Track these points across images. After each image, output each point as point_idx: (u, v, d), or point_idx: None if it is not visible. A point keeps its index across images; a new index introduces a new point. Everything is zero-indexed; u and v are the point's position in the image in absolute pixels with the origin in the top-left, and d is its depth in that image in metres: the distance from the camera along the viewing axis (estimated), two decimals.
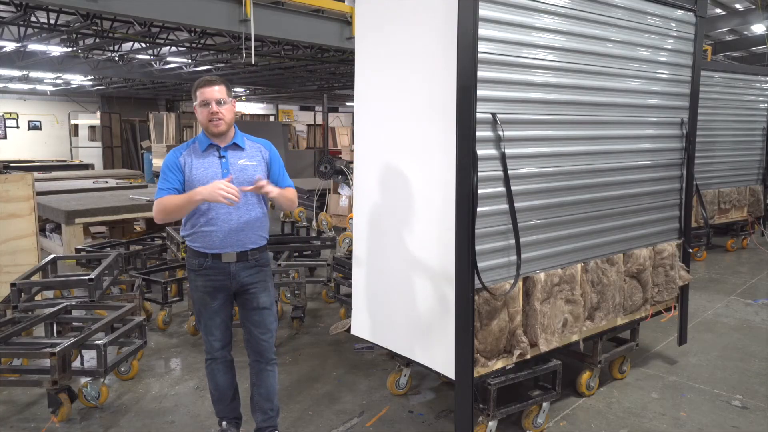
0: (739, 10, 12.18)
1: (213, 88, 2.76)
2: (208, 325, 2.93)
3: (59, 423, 3.36)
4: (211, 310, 2.90)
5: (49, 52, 11.37)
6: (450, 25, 2.64)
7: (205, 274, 2.84)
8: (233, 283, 2.87)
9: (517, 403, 3.11)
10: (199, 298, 2.90)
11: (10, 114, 20.19)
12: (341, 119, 26.31)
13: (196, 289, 2.89)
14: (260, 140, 3.00)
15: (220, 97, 2.77)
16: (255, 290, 2.90)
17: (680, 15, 3.66)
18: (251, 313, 2.93)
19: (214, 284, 2.85)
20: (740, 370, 4.06)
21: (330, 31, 9.15)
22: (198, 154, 2.83)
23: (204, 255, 2.82)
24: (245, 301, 2.93)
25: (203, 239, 2.81)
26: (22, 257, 5.05)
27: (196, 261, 2.85)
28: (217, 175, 2.77)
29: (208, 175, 2.78)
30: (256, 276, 2.90)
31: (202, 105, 2.77)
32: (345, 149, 12.92)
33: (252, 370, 3.00)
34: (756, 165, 7.95)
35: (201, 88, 2.77)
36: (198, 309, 2.93)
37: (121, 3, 6.91)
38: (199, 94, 2.77)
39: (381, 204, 3.28)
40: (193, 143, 2.88)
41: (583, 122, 3.20)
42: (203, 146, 2.84)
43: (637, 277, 3.61)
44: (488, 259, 2.81)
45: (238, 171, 2.84)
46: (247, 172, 2.85)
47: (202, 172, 2.79)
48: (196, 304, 2.94)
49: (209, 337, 2.95)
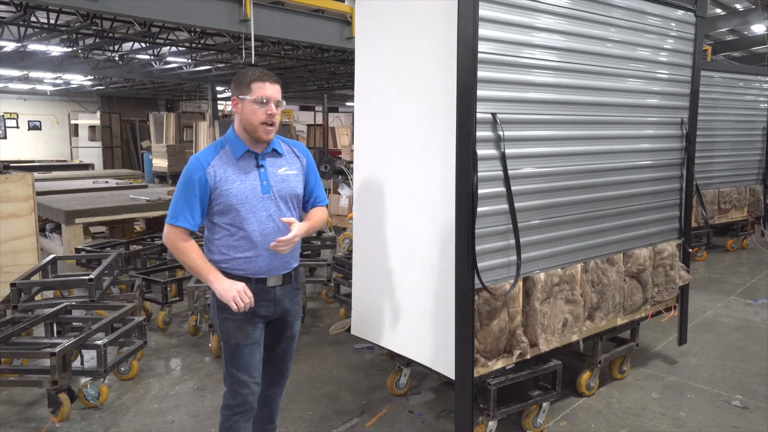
0: (739, 10, 12.18)
1: (275, 86, 2.34)
2: (248, 363, 2.41)
3: (59, 423, 3.36)
4: (252, 342, 2.42)
5: (49, 52, 11.38)
6: (450, 25, 2.64)
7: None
8: (276, 311, 2.47)
9: (517, 403, 3.11)
10: (237, 329, 2.39)
11: (10, 114, 20.19)
12: (341, 119, 26.30)
13: (234, 318, 2.38)
14: (293, 142, 2.59)
15: (280, 98, 2.36)
16: (292, 318, 2.57)
17: (680, 15, 3.66)
18: (283, 342, 2.58)
19: (257, 311, 2.41)
20: (740, 370, 4.06)
21: (330, 31, 9.15)
22: (231, 161, 2.35)
23: (246, 279, 2.37)
24: (279, 330, 2.56)
25: (246, 265, 2.38)
26: (22, 257, 5.05)
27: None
28: (256, 190, 2.36)
29: (246, 189, 2.34)
30: (294, 301, 2.56)
31: (258, 103, 2.30)
32: (345, 149, 12.93)
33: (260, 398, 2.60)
34: (756, 165, 7.95)
35: (259, 82, 2.30)
36: (234, 344, 2.40)
37: (121, 3, 6.91)
38: (257, 88, 2.30)
39: (381, 204, 3.28)
40: (222, 147, 2.38)
41: (583, 122, 3.20)
42: (239, 152, 2.37)
43: (637, 277, 3.61)
44: (488, 259, 2.81)
45: (279, 183, 2.42)
46: (288, 184, 2.44)
47: (239, 187, 2.33)
48: (232, 338, 2.40)
49: (247, 378, 2.41)
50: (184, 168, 2.36)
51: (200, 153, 2.37)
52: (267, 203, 2.38)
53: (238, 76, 2.37)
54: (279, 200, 2.41)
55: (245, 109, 2.33)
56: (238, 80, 2.36)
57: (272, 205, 2.40)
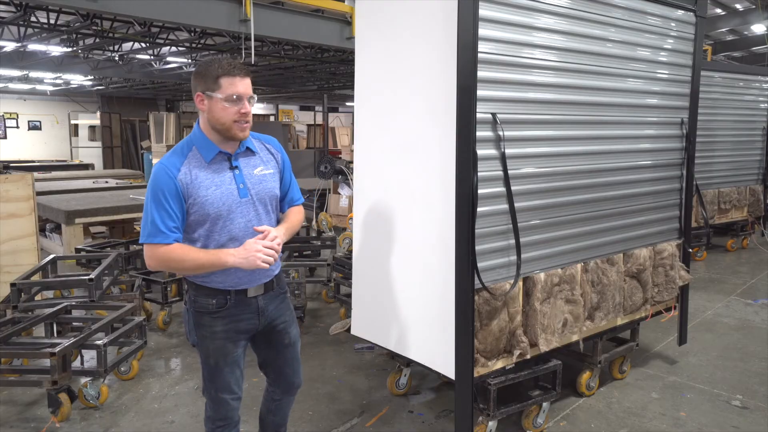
0: (739, 10, 12.18)
1: (246, 79, 2.10)
2: (227, 381, 2.28)
3: (59, 423, 3.36)
4: (232, 361, 2.27)
5: (49, 52, 11.37)
6: (450, 25, 2.64)
7: (227, 316, 2.23)
8: (261, 322, 2.31)
9: (517, 403, 3.11)
10: (217, 348, 2.24)
11: (10, 114, 20.18)
12: (341, 119, 26.30)
13: (213, 337, 2.22)
14: (265, 137, 2.39)
15: (251, 92, 2.14)
16: (284, 324, 2.40)
17: (680, 15, 3.66)
18: (284, 351, 2.44)
19: (238, 327, 2.25)
20: (740, 370, 4.06)
21: (330, 31, 9.15)
22: (202, 165, 2.13)
23: (224, 292, 2.21)
24: (274, 340, 2.41)
25: (225, 276, 2.19)
26: (22, 257, 5.05)
27: (214, 300, 2.21)
28: (233, 195, 2.15)
29: (223, 195, 2.13)
30: (281, 306, 2.39)
31: (229, 100, 2.07)
32: (345, 149, 12.93)
33: (272, 403, 2.57)
34: (756, 165, 7.95)
35: (228, 77, 2.07)
36: (213, 363, 2.25)
37: (121, 3, 6.91)
38: (227, 84, 2.06)
39: (381, 204, 3.28)
40: (189, 150, 2.15)
41: (583, 122, 3.20)
42: (210, 155, 2.14)
43: (637, 277, 3.61)
44: (488, 259, 2.81)
45: (256, 185, 2.22)
46: (266, 185, 2.26)
47: (215, 193, 2.12)
48: (211, 356, 2.25)
49: (227, 395, 2.30)
50: (150, 180, 2.09)
51: (165, 159, 2.11)
52: (245, 208, 2.19)
53: (201, 69, 2.10)
54: (258, 204, 2.22)
55: (214, 108, 2.09)
56: (202, 74, 2.09)
57: (251, 209, 2.21)
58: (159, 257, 2.08)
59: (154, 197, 2.07)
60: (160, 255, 2.08)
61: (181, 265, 2.10)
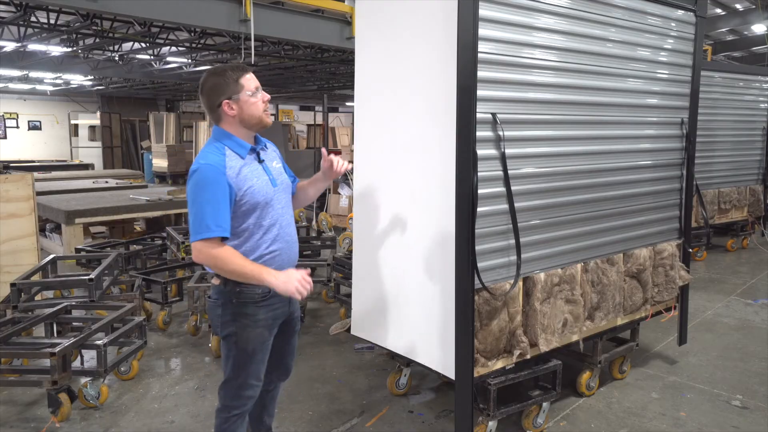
0: (739, 10, 12.18)
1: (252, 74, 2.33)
2: (258, 368, 2.41)
3: (59, 423, 3.36)
4: (266, 348, 2.42)
5: (49, 52, 11.37)
6: (450, 25, 2.64)
7: (269, 304, 2.36)
8: (289, 309, 2.49)
9: (517, 403, 3.11)
10: (257, 335, 2.35)
11: (10, 114, 20.19)
12: (341, 119, 26.30)
13: (255, 325, 2.34)
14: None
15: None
16: (297, 312, 2.60)
17: (680, 15, 3.66)
18: (291, 339, 2.61)
19: (275, 314, 2.40)
20: (740, 370, 4.06)
21: (330, 31, 9.15)
22: (239, 161, 2.27)
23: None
24: (289, 327, 2.56)
25: (273, 261, 2.32)
26: (22, 257, 5.05)
27: (260, 290, 2.31)
28: (269, 185, 2.34)
29: (263, 186, 2.31)
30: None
31: (254, 95, 2.29)
32: (345, 149, 12.94)
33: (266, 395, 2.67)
34: (756, 165, 7.95)
35: (244, 74, 2.28)
36: (251, 350, 2.35)
37: (121, 3, 6.92)
38: (245, 81, 2.27)
39: (381, 204, 3.28)
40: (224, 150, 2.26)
41: (583, 122, 3.20)
42: (244, 152, 2.30)
43: (637, 277, 3.61)
44: (488, 259, 2.81)
45: (279, 175, 2.43)
46: (283, 176, 2.48)
47: (258, 184, 2.29)
48: (250, 343, 2.34)
49: (254, 382, 2.41)
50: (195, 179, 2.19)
51: (208, 159, 2.21)
52: (278, 196, 2.40)
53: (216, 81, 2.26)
54: (283, 192, 2.44)
55: (244, 106, 2.27)
56: (220, 84, 2.26)
57: (282, 197, 2.43)
58: (209, 254, 2.17)
59: (204, 194, 2.17)
60: (210, 253, 2.17)
61: (225, 266, 2.19)
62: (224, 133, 2.31)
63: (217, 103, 2.28)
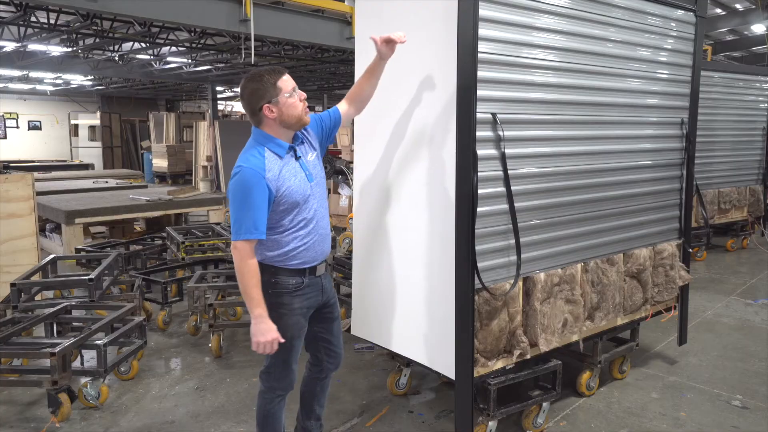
0: (739, 10, 12.18)
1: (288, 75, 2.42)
2: (297, 353, 2.58)
3: (59, 423, 3.36)
4: (302, 335, 2.59)
5: (49, 52, 11.38)
6: (450, 25, 2.64)
7: (303, 294, 2.50)
8: (322, 298, 2.62)
9: (517, 403, 3.11)
10: (295, 323, 2.51)
11: (10, 114, 20.21)
12: None
13: (292, 313, 2.49)
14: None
15: None
16: (334, 299, 2.70)
17: (680, 15, 3.66)
18: (332, 326, 2.73)
19: (309, 303, 2.55)
20: (740, 370, 4.06)
21: (330, 31, 9.16)
22: (278, 161, 2.38)
23: (302, 272, 2.48)
24: (326, 315, 2.69)
25: (306, 254, 2.47)
26: (22, 257, 5.05)
27: (294, 281, 2.47)
28: (306, 181, 2.44)
29: (301, 183, 2.42)
30: (331, 284, 2.71)
31: (291, 95, 2.37)
32: (345, 149, 12.92)
33: (317, 384, 2.81)
34: (756, 165, 7.95)
35: (281, 76, 2.36)
36: (290, 336, 2.49)
37: (121, 3, 6.92)
38: (282, 84, 2.36)
39: (381, 204, 3.28)
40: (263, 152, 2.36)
41: (583, 122, 3.20)
42: (283, 151, 2.41)
43: (637, 277, 3.61)
44: (488, 259, 2.81)
45: (314, 169, 2.52)
46: (318, 168, 2.57)
47: (296, 182, 2.40)
48: (288, 330, 2.48)
49: (295, 365, 2.59)
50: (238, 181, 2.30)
51: (249, 163, 2.31)
52: (315, 191, 2.50)
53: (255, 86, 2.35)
54: (318, 186, 2.52)
55: (285, 107, 2.36)
56: (259, 90, 2.34)
57: (318, 191, 2.52)
58: (241, 257, 2.31)
59: (245, 198, 2.29)
60: (243, 255, 2.30)
61: (242, 276, 2.33)
62: (264, 135, 2.41)
63: (258, 107, 2.36)
